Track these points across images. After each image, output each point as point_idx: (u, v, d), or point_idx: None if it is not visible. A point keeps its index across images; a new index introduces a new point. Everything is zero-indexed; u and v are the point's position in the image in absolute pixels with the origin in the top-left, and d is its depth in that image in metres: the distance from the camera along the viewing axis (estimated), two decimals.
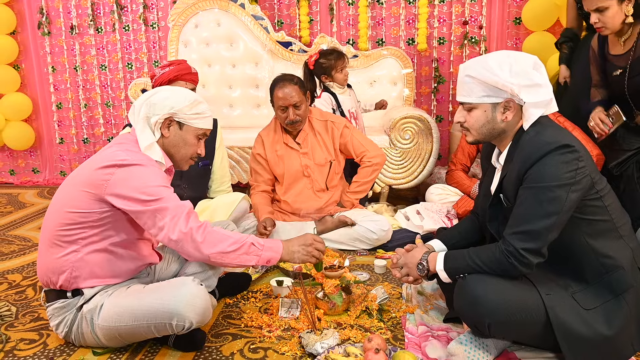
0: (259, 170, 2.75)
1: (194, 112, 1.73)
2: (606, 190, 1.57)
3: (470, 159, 2.89)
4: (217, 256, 1.62)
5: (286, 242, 1.77)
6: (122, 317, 1.61)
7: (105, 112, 4.41)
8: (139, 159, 1.63)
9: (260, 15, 3.79)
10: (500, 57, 1.55)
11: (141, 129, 1.70)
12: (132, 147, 1.68)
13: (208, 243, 1.60)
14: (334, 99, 3.06)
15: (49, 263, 1.68)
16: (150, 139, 1.69)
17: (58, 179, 4.60)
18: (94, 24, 4.23)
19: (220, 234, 1.64)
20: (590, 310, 1.50)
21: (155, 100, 1.70)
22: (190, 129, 1.74)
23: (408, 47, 3.84)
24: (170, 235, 1.59)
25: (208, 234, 1.61)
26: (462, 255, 1.62)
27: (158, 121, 1.70)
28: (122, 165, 1.60)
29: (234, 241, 1.64)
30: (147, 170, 1.62)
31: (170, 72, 2.39)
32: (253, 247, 1.66)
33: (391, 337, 1.77)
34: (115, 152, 1.64)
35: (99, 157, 1.67)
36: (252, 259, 1.67)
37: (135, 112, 1.72)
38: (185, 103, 1.71)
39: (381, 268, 2.34)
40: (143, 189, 1.58)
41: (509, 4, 3.67)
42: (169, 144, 1.74)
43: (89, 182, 1.62)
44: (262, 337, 1.78)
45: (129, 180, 1.59)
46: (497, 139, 1.64)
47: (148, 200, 1.58)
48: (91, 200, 1.62)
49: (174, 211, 1.59)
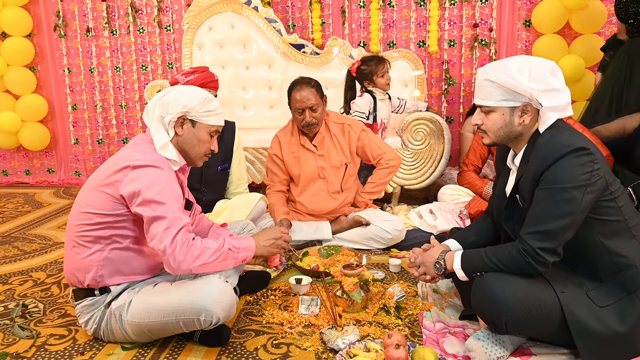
0: (275, 171, 2.80)
1: (206, 109, 1.78)
2: (620, 191, 1.61)
3: (482, 160, 2.93)
4: (198, 268, 1.65)
5: (256, 237, 1.82)
6: (151, 313, 1.66)
7: (119, 113, 4.48)
8: (153, 160, 1.68)
9: (273, 18, 3.85)
10: (520, 62, 1.59)
11: (156, 129, 1.75)
12: (146, 147, 1.73)
13: (188, 259, 1.61)
14: (374, 102, 3.15)
15: (75, 262, 1.73)
16: (165, 138, 1.75)
17: (73, 179, 4.67)
18: (109, 27, 4.30)
19: (202, 247, 1.65)
20: (604, 307, 1.55)
21: (168, 100, 1.75)
22: (203, 127, 1.79)
23: (419, 49, 3.89)
24: (158, 245, 1.61)
25: (189, 250, 1.61)
26: (479, 254, 1.67)
27: (172, 120, 1.75)
28: (135, 166, 1.66)
29: (214, 251, 1.66)
30: (158, 172, 1.67)
31: (195, 80, 2.42)
32: (230, 252, 1.70)
33: (409, 334, 1.82)
34: (131, 153, 1.70)
35: (116, 159, 1.73)
36: (230, 263, 1.71)
37: (149, 112, 1.78)
38: (197, 101, 1.76)
39: (396, 267, 2.39)
40: (150, 190, 1.62)
41: (519, 6, 3.71)
42: (183, 142, 1.79)
43: (106, 183, 1.68)
44: (283, 333, 1.84)
45: (140, 180, 1.64)
46: (514, 141, 1.69)
47: (152, 202, 1.61)
48: (109, 200, 1.68)
49: (170, 222, 1.61)
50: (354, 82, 3.27)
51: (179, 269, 1.62)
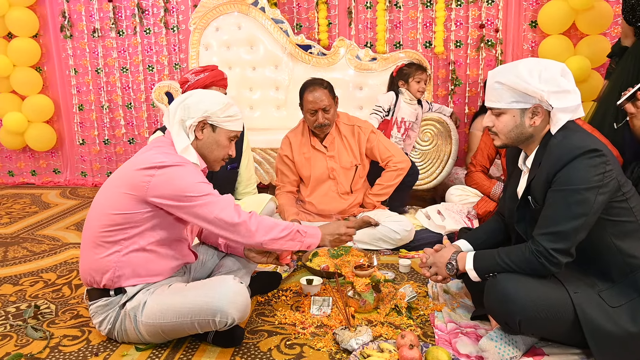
0: (285, 172, 2.81)
1: (227, 115, 1.80)
2: (631, 192, 1.62)
3: (489, 161, 2.94)
4: (268, 242, 1.73)
5: (323, 229, 1.87)
6: (165, 314, 1.68)
7: (126, 114, 4.50)
8: (177, 160, 1.71)
9: (280, 19, 3.86)
10: (530, 64, 1.61)
11: (177, 132, 1.77)
12: (168, 149, 1.75)
13: (261, 231, 1.71)
14: (396, 100, 3.21)
15: (93, 263, 1.75)
16: (186, 141, 1.77)
17: (79, 179, 4.69)
18: (115, 27, 4.31)
19: (271, 221, 1.75)
20: (616, 307, 1.56)
21: (189, 104, 1.77)
22: (222, 131, 1.81)
23: (425, 50, 3.90)
24: (224, 224, 1.68)
25: (260, 222, 1.72)
26: (491, 255, 1.68)
27: (193, 124, 1.76)
28: (161, 166, 1.67)
29: (284, 228, 1.76)
30: (186, 169, 1.70)
31: (206, 79, 2.44)
32: (298, 234, 1.78)
33: (421, 334, 1.83)
34: (154, 155, 1.71)
35: (137, 160, 1.74)
36: (296, 244, 1.79)
37: (170, 115, 1.79)
38: (219, 106, 1.78)
39: (406, 267, 2.40)
40: (186, 188, 1.67)
41: (525, 7, 3.71)
42: (202, 146, 1.81)
43: (130, 184, 1.70)
44: (296, 333, 1.85)
45: (171, 181, 1.66)
46: (525, 143, 1.70)
47: (194, 197, 1.67)
48: (134, 201, 1.69)
49: (222, 203, 1.69)
50: (392, 83, 3.36)
51: (253, 238, 1.70)
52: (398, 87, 3.29)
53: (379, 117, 3.21)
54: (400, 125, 3.20)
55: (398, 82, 3.29)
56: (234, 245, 2.02)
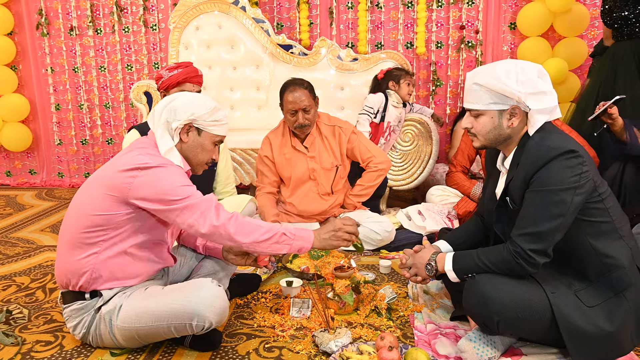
0: (265, 172, 2.79)
1: (213, 119, 1.77)
2: (607, 193, 1.64)
3: (469, 161, 2.95)
4: (249, 245, 1.69)
5: (317, 230, 1.81)
6: (141, 318, 1.64)
7: (104, 114, 4.42)
8: (160, 161, 1.68)
9: (261, 18, 3.83)
10: (508, 66, 1.61)
11: (161, 134, 1.74)
12: (152, 150, 1.72)
13: (241, 233, 1.67)
14: (385, 103, 3.19)
15: (70, 265, 1.71)
16: (170, 143, 1.74)
17: (55, 180, 4.60)
18: (93, 26, 4.24)
19: (252, 223, 1.70)
20: (593, 307, 1.57)
21: (176, 106, 1.74)
22: (208, 135, 1.79)
23: (406, 50, 3.91)
24: (202, 229, 1.65)
25: (240, 225, 1.68)
26: (470, 256, 1.68)
27: (178, 126, 1.74)
28: (144, 167, 1.64)
29: (266, 230, 1.70)
30: (169, 171, 1.67)
31: (179, 75, 2.42)
32: (284, 237, 1.72)
33: (401, 335, 1.83)
34: (137, 156, 1.68)
35: (120, 161, 1.70)
36: (283, 247, 1.72)
37: (155, 117, 1.76)
38: (206, 110, 1.75)
39: (386, 268, 2.40)
40: (169, 190, 1.63)
41: (505, 9, 3.75)
42: (187, 149, 1.78)
43: (112, 185, 1.66)
44: (275, 336, 1.83)
45: (154, 183, 1.63)
46: (503, 144, 1.71)
47: (175, 200, 1.64)
48: (115, 203, 1.66)
49: (202, 206, 1.65)
50: (377, 87, 3.34)
51: (232, 241, 1.67)
52: (386, 88, 3.27)
53: (369, 117, 3.18)
54: (386, 130, 3.20)
55: (388, 82, 3.28)
56: (213, 247, 2.00)
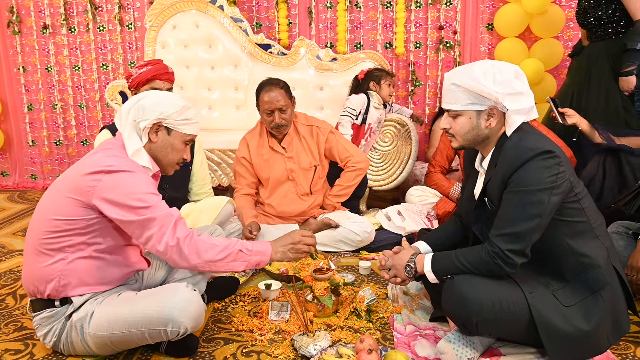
0: (243, 174, 2.76)
1: (183, 118, 1.73)
2: (583, 193, 1.66)
3: (448, 161, 2.97)
4: (204, 265, 1.63)
5: (274, 242, 1.77)
6: (114, 324, 1.60)
7: (78, 114, 4.32)
8: (127, 165, 1.63)
9: (239, 18, 3.78)
10: (485, 66, 1.62)
11: (128, 134, 1.69)
12: (118, 152, 1.67)
13: (195, 254, 1.61)
14: (367, 104, 3.17)
15: (36, 272, 1.65)
16: (138, 144, 1.69)
17: (28, 182, 4.47)
18: (66, 24, 4.13)
19: (207, 243, 1.64)
20: (570, 307, 1.58)
21: (144, 105, 1.69)
22: (178, 135, 1.74)
23: (385, 50, 3.90)
24: (157, 246, 1.59)
25: (194, 244, 1.61)
26: (449, 256, 1.68)
27: (147, 126, 1.69)
28: (109, 171, 1.59)
29: (222, 249, 1.64)
30: (135, 176, 1.62)
31: (148, 72, 2.38)
32: (241, 254, 1.67)
33: (380, 337, 1.81)
34: (102, 158, 1.62)
35: (84, 163, 1.65)
36: (240, 265, 1.68)
37: (123, 116, 1.71)
38: (175, 109, 1.71)
39: (366, 269, 2.39)
40: (131, 196, 1.57)
41: (482, 10, 3.77)
42: (156, 149, 1.74)
43: (75, 188, 1.61)
44: (253, 340, 1.80)
45: (117, 187, 1.58)
46: (481, 144, 1.71)
47: (136, 208, 1.57)
48: (78, 207, 1.60)
49: (162, 221, 1.59)
50: (357, 87, 3.32)
51: (186, 262, 1.61)
52: (367, 89, 3.25)
53: (352, 119, 3.14)
54: (367, 132, 3.19)
55: (369, 83, 3.25)
56: None
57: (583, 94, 2.88)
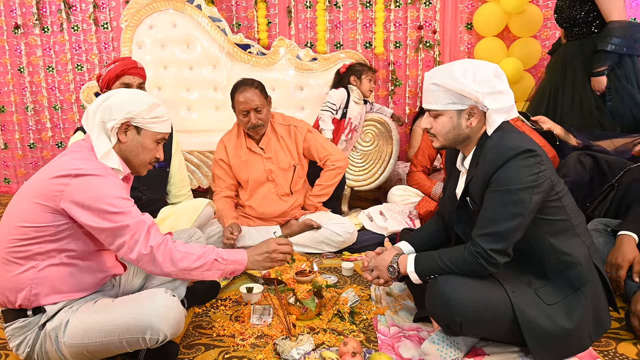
0: (222, 176, 2.72)
1: (153, 115, 1.67)
2: (564, 191, 1.66)
3: (430, 161, 2.97)
4: (178, 273, 1.59)
5: (250, 251, 1.74)
6: (90, 333, 1.54)
7: (53, 116, 4.21)
8: (95, 168, 1.56)
9: (218, 17, 3.74)
10: (465, 65, 1.61)
11: (97, 136, 1.63)
12: (87, 155, 1.61)
13: (169, 262, 1.56)
14: (347, 99, 3.15)
15: (6, 281, 1.58)
16: (107, 145, 1.63)
17: (1, 186, 4.36)
18: (39, 23, 4.03)
19: (182, 251, 1.59)
20: (552, 305, 1.58)
21: (111, 104, 1.63)
22: (148, 134, 1.69)
23: (365, 50, 3.90)
24: (130, 254, 1.54)
25: (169, 252, 1.56)
26: (432, 257, 1.67)
27: (115, 126, 1.63)
28: (77, 174, 1.53)
29: (197, 257, 1.60)
30: (105, 180, 1.55)
31: (116, 68, 2.33)
32: (216, 263, 1.63)
33: (364, 339, 1.80)
34: (70, 161, 1.56)
35: (52, 167, 1.59)
36: (214, 273, 1.64)
37: (90, 117, 1.65)
38: (144, 107, 1.65)
39: (348, 270, 2.37)
40: (102, 201, 1.51)
41: (461, 9, 3.79)
42: (126, 149, 1.68)
43: (42, 193, 1.54)
44: (235, 345, 1.77)
45: (87, 191, 1.52)
46: (462, 144, 1.70)
47: (107, 213, 1.51)
48: (46, 212, 1.54)
49: (134, 228, 1.53)
50: (339, 82, 3.28)
51: (160, 270, 1.56)
52: (348, 83, 3.23)
53: (332, 114, 3.11)
54: (346, 127, 3.17)
55: (350, 77, 3.24)
56: None
57: (559, 92, 2.91)
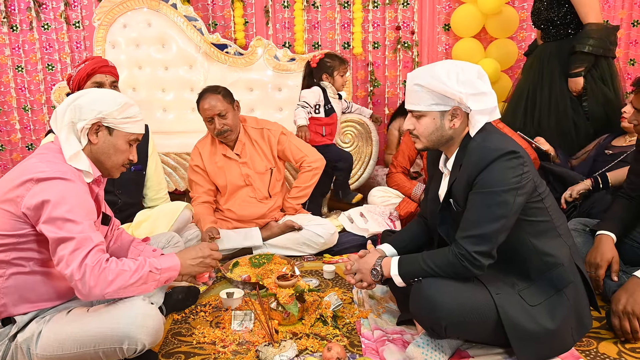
0: (198, 182, 2.67)
1: (125, 116, 1.61)
2: (546, 192, 1.67)
3: (410, 162, 2.97)
4: (113, 293, 1.48)
5: (182, 255, 1.66)
6: (64, 344, 1.48)
7: (22, 117, 4.08)
8: (61, 171, 1.49)
9: (194, 16, 3.67)
10: (448, 66, 1.60)
11: (65, 137, 1.56)
12: (54, 157, 1.53)
13: (103, 283, 1.44)
14: (324, 95, 3.07)
15: None
16: (76, 147, 1.56)
17: None
18: (7, 22, 3.89)
19: (116, 269, 1.47)
20: (535, 306, 1.59)
21: (81, 104, 1.57)
22: (121, 135, 1.62)
23: (344, 50, 3.88)
24: (65, 269, 1.43)
25: (101, 274, 1.44)
26: (416, 259, 1.65)
27: (85, 127, 1.56)
28: (40, 179, 1.45)
29: (132, 273, 1.49)
30: (67, 185, 1.47)
31: (86, 67, 2.25)
32: (151, 275, 1.54)
33: (348, 344, 1.77)
34: (35, 164, 1.49)
35: (17, 171, 1.52)
36: (151, 286, 1.55)
37: (58, 118, 1.58)
38: (115, 106, 1.59)
39: (330, 273, 2.34)
40: (58, 207, 1.43)
41: (439, 10, 3.81)
42: (97, 151, 1.61)
43: (6, 199, 1.47)
44: (216, 353, 1.72)
45: (45, 195, 1.44)
46: (445, 145, 1.69)
47: (59, 220, 1.43)
48: (10, 219, 1.47)
49: (78, 244, 1.43)
50: (311, 74, 3.16)
51: (90, 295, 1.43)
52: (320, 80, 3.13)
53: (307, 110, 3.02)
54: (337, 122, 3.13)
55: (321, 75, 3.14)
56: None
57: (537, 93, 2.95)
